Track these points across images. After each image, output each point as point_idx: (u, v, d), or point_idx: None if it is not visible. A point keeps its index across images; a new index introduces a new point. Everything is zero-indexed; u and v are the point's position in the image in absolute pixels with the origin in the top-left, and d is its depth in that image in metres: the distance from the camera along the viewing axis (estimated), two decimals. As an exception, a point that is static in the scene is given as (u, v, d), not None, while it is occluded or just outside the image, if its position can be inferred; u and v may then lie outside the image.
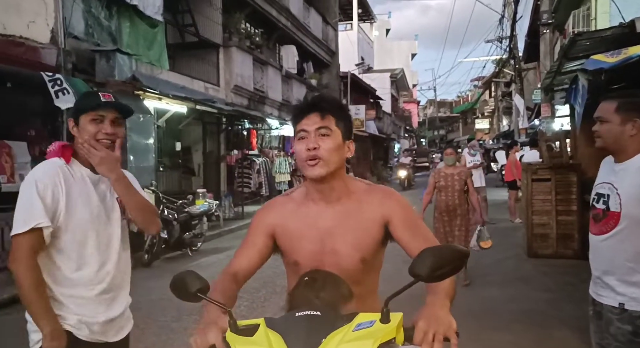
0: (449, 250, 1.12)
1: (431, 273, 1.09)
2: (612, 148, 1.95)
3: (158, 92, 7.82)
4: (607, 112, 1.93)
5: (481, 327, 3.94)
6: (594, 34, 6.94)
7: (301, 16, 16.96)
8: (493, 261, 6.49)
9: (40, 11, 6.72)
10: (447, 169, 5.28)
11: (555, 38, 14.53)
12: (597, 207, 1.98)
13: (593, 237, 2.01)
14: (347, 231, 1.43)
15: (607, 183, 1.96)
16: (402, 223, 1.42)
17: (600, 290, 1.98)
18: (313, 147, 1.37)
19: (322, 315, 1.11)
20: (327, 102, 1.44)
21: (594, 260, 2.02)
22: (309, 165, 1.39)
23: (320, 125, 1.39)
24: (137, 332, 4.16)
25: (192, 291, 1.20)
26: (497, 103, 36.06)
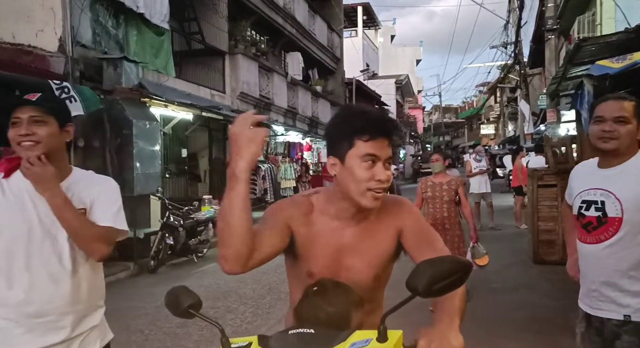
0: (448, 262, 1.05)
1: (428, 288, 1.02)
2: (622, 151, 1.82)
3: (164, 100, 7.89)
4: (629, 112, 1.80)
5: (487, 334, 3.92)
6: (599, 40, 6.93)
7: (306, 23, 17.06)
8: (498, 267, 6.45)
9: (49, 20, 6.81)
10: (435, 178, 4.69)
11: (561, 44, 14.52)
12: (588, 215, 1.87)
13: (587, 247, 1.89)
14: (364, 248, 1.38)
15: (598, 189, 1.86)
16: (412, 235, 1.38)
17: (598, 303, 1.87)
18: (385, 179, 1.29)
19: (315, 333, 1.08)
20: (397, 131, 1.35)
21: (589, 271, 1.90)
22: (375, 197, 1.29)
23: (390, 155, 1.31)
24: (141, 338, 4.20)
25: (184, 307, 1.17)
26: (502, 109, 35.99)
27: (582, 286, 1.97)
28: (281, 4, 14.60)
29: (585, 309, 1.93)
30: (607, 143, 1.82)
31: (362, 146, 1.27)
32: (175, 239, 7.18)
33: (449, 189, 4.58)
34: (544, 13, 12.87)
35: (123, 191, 6.76)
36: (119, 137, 7.11)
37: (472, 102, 53.29)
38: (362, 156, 1.27)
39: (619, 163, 1.85)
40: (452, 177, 4.81)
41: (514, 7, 17.00)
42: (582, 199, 1.91)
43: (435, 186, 4.62)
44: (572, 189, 2.02)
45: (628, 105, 1.82)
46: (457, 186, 4.62)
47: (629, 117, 1.80)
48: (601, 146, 1.85)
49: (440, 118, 55.11)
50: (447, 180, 4.64)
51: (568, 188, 2.09)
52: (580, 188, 1.94)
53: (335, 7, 21.13)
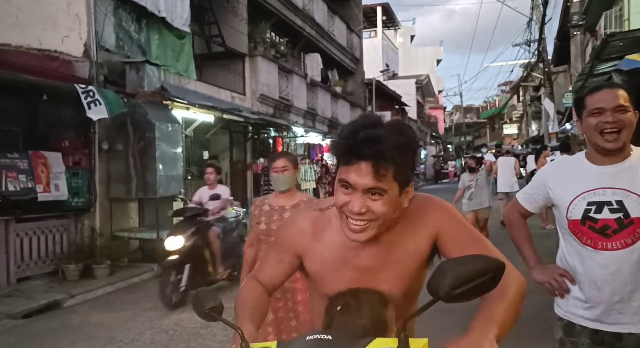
0: (474, 262, 0.92)
1: (451, 291, 0.90)
2: (626, 144, 1.63)
3: (186, 102, 7.96)
4: (626, 100, 1.61)
5: (519, 335, 3.81)
6: (627, 35, 6.74)
7: (326, 24, 17.06)
8: (526, 268, 6.31)
9: (74, 26, 6.95)
10: (277, 199, 2.84)
11: (587, 40, 14.17)
12: (600, 218, 1.65)
13: (609, 254, 1.64)
14: (390, 265, 1.22)
15: (609, 188, 1.64)
16: (451, 238, 1.20)
17: (618, 317, 1.65)
18: (358, 211, 1.10)
19: (333, 339, 1.02)
20: (389, 151, 1.06)
21: (612, 281, 1.64)
22: (352, 229, 1.12)
23: (372, 186, 1.08)
24: (166, 338, 4.23)
25: (205, 310, 1.18)
26: (525, 108, 35.37)
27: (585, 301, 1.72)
28: (300, 6, 14.63)
29: (591, 326, 1.70)
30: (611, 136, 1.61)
31: (341, 170, 1.12)
32: (198, 240, 7.22)
33: None
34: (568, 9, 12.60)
35: (146, 193, 6.86)
36: (141, 140, 7.21)
37: (494, 101, 52.52)
38: (339, 180, 1.13)
39: (623, 157, 1.66)
40: (307, 199, 2.86)
41: (537, 3, 16.67)
42: (588, 201, 1.66)
43: (274, 214, 2.79)
44: (554, 193, 1.76)
45: (624, 93, 1.64)
46: None
47: (627, 105, 1.62)
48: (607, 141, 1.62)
49: (462, 118, 54.44)
50: (294, 203, 2.78)
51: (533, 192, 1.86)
52: (579, 190, 1.69)
53: (355, 8, 21.08)
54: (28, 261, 6.17)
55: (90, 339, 4.28)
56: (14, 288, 5.79)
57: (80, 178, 6.83)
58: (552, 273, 1.83)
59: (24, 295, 5.53)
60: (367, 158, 1.06)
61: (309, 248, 1.27)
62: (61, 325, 4.74)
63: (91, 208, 6.92)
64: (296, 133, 13.43)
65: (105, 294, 5.89)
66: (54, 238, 6.52)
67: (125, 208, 7.67)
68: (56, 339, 4.35)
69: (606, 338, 1.69)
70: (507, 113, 44.49)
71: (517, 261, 1.53)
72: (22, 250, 6.09)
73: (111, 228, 7.25)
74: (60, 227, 6.64)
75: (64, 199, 6.49)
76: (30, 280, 6.10)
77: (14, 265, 5.96)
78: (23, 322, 4.88)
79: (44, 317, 5.04)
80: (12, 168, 5.88)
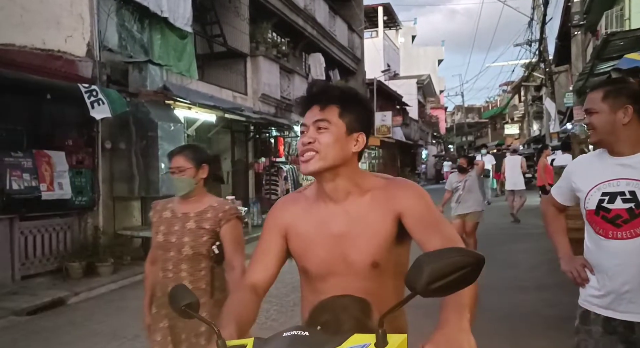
0: (452, 255, 0.88)
1: (428, 285, 0.86)
2: (608, 139, 1.75)
3: (188, 102, 8.01)
4: (594, 102, 1.75)
5: (516, 332, 3.86)
6: (628, 34, 6.77)
7: (327, 25, 17.10)
8: (528, 266, 6.35)
9: (77, 26, 7.00)
10: (180, 205, 2.29)
11: (588, 40, 14.19)
12: (612, 208, 1.71)
13: (618, 243, 1.71)
14: (357, 235, 1.28)
15: (621, 179, 1.71)
16: (415, 218, 1.23)
17: (630, 306, 1.70)
18: (307, 141, 1.25)
19: (309, 335, 0.99)
20: (331, 91, 1.29)
21: (622, 270, 1.70)
22: (302, 161, 1.28)
23: (318, 118, 1.26)
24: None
25: (181, 306, 1.14)
26: (527, 108, 35.34)
27: (599, 289, 1.79)
28: (302, 6, 14.67)
29: (604, 313, 1.76)
30: (590, 136, 1.80)
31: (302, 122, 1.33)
32: (200, 239, 7.27)
33: (197, 231, 2.21)
34: (569, 9, 12.62)
35: (148, 192, 6.93)
36: (144, 139, 7.26)
37: (496, 101, 52.48)
38: (301, 132, 1.31)
39: (635, 150, 1.73)
40: (219, 204, 2.27)
41: (538, 3, 16.69)
42: (603, 192, 1.74)
43: (175, 223, 2.25)
44: (576, 185, 1.86)
45: (595, 95, 1.77)
46: (225, 223, 2.21)
47: (594, 107, 1.76)
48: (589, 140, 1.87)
49: (463, 118, 54.42)
50: (201, 209, 2.25)
51: (562, 184, 1.96)
52: (596, 181, 1.77)
53: (356, 8, 21.11)
54: (32, 259, 6.22)
55: (94, 335, 4.33)
56: (19, 286, 5.84)
57: (84, 176, 6.88)
58: (575, 264, 1.90)
59: (28, 292, 5.59)
60: (313, 101, 1.29)
61: (290, 225, 1.37)
62: (65, 322, 4.79)
63: (94, 207, 6.98)
64: (297, 133, 13.47)
65: (108, 292, 5.94)
66: (58, 236, 6.57)
67: (128, 206, 7.72)
68: (60, 335, 4.40)
69: (619, 329, 1.73)
70: (508, 113, 44.45)
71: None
72: (27, 248, 6.15)
73: (114, 226, 7.30)
74: (64, 225, 6.69)
75: (68, 198, 6.54)
76: (35, 278, 6.15)
77: (18, 263, 6.01)
78: (27, 318, 4.93)
79: (48, 314, 5.09)
80: (16, 166, 5.93)
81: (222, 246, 2.24)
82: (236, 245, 2.24)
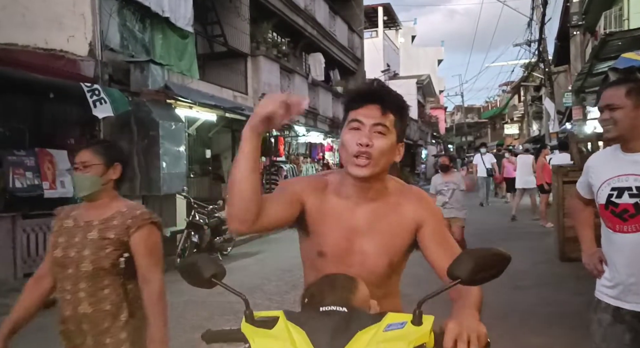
0: (490, 253, 1.08)
1: (472, 276, 1.05)
2: (628, 135, 1.77)
3: (189, 101, 8.06)
4: (618, 98, 1.76)
5: (516, 330, 3.91)
6: (626, 34, 6.81)
7: (327, 25, 17.14)
8: (526, 265, 6.39)
9: (79, 26, 7.04)
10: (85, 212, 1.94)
11: (587, 40, 14.23)
12: (621, 202, 1.77)
13: (625, 236, 1.77)
14: (377, 233, 1.35)
15: (630, 175, 1.76)
16: (432, 233, 1.35)
17: (632, 296, 1.77)
18: (366, 143, 1.25)
19: (349, 312, 1.03)
20: (392, 98, 1.32)
21: (627, 262, 1.77)
22: (356, 164, 1.27)
23: (379, 121, 1.27)
24: (171, 332, 4.31)
25: (206, 277, 1.12)
26: (526, 108, 35.37)
27: (610, 279, 1.86)
28: (302, 6, 14.72)
29: (613, 303, 1.82)
30: (608, 132, 1.80)
31: (351, 114, 1.31)
32: (201, 237, 7.32)
33: (100, 242, 1.85)
34: (568, 9, 12.66)
35: (150, 191, 6.97)
36: (145, 138, 7.30)
37: (495, 101, 52.51)
38: (349, 123, 1.30)
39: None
40: (128, 209, 1.92)
41: (537, 4, 16.73)
42: (612, 187, 1.80)
43: (76, 233, 1.90)
44: (592, 179, 1.92)
45: (618, 91, 1.78)
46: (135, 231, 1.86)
47: (617, 103, 1.76)
48: (605, 135, 1.84)
49: (463, 118, 54.46)
50: (107, 216, 1.90)
51: (583, 179, 2.01)
52: (606, 176, 1.84)
53: (356, 8, 21.15)
54: (34, 256, 6.26)
55: (97, 332, 4.37)
56: (21, 283, 5.82)
57: (86, 175, 6.92)
58: (592, 256, 1.97)
59: (30, 290, 5.63)
60: (375, 100, 1.29)
61: (314, 202, 1.38)
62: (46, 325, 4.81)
63: (96, 205, 7.01)
64: (298, 132, 13.51)
65: (110, 289, 5.97)
66: (60, 235, 6.61)
67: (129, 205, 7.75)
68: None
69: (627, 318, 1.79)
70: (508, 113, 44.49)
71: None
72: (29, 245, 6.19)
73: (115, 225, 7.34)
74: (66, 224, 6.73)
75: (70, 196, 6.58)
76: (37, 276, 6.19)
77: (20, 261, 6.06)
78: (30, 315, 4.97)
79: (50, 311, 5.12)
80: (19, 165, 5.98)
81: (132, 258, 1.85)
82: (151, 255, 1.86)
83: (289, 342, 0.98)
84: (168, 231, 7.30)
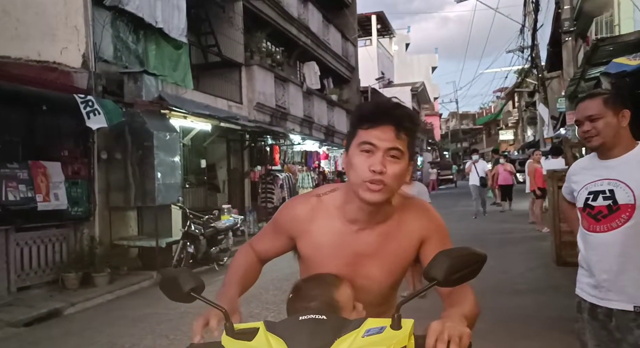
0: (465, 253, 1.06)
1: (448, 277, 1.03)
2: (611, 143, 1.88)
3: (184, 111, 8.05)
4: (596, 109, 1.87)
5: (512, 334, 3.89)
6: (617, 39, 6.87)
7: (321, 34, 17.24)
8: (522, 270, 6.39)
9: (72, 38, 7.05)
10: None
11: (578, 46, 14.36)
12: (596, 205, 1.90)
13: (597, 236, 1.89)
14: (384, 256, 1.29)
15: (604, 179, 1.89)
16: (434, 248, 1.26)
17: (608, 294, 1.85)
18: (380, 170, 1.17)
19: (328, 319, 1.03)
20: (407, 117, 1.21)
21: (600, 260, 1.88)
22: (370, 189, 1.18)
23: (393, 145, 1.18)
24: (166, 342, 4.27)
25: (185, 290, 1.11)
26: (520, 113, 35.58)
27: (587, 277, 1.95)
28: (295, 15, 14.80)
29: (590, 300, 1.91)
30: (591, 142, 1.90)
31: (362, 134, 1.20)
32: (197, 248, 7.27)
33: None
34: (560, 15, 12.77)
35: (145, 202, 6.96)
36: (140, 148, 7.28)
37: (490, 108, 52.81)
38: (359, 144, 1.20)
39: (621, 153, 1.89)
40: None
41: (529, 10, 16.90)
42: (589, 191, 1.93)
43: None
44: (574, 184, 2.04)
45: (595, 102, 1.89)
46: None
47: (599, 113, 1.86)
48: (588, 145, 1.95)
49: (458, 125, 54.70)
50: None
51: (567, 185, 2.14)
52: (585, 181, 1.96)
53: (349, 17, 21.30)
54: (28, 270, 6.21)
55: (91, 345, 4.32)
56: (15, 297, 5.82)
57: (80, 187, 6.88)
58: None
59: (24, 304, 5.56)
60: (390, 121, 1.19)
61: (305, 232, 1.33)
62: (62, 333, 4.77)
63: (90, 217, 6.97)
64: (293, 141, 13.52)
65: (105, 302, 5.92)
66: (54, 247, 6.56)
67: (124, 216, 7.72)
68: (57, 346, 4.39)
69: (600, 316, 1.88)
70: (502, 119, 44.75)
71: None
72: (22, 259, 6.13)
73: (110, 236, 7.29)
74: (60, 236, 6.68)
75: (64, 208, 6.54)
76: (31, 289, 6.13)
77: (14, 274, 5.99)
78: (24, 329, 4.91)
79: (45, 325, 5.07)
80: (12, 177, 5.93)
81: None
82: None
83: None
84: (164, 242, 7.26)
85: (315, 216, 1.32)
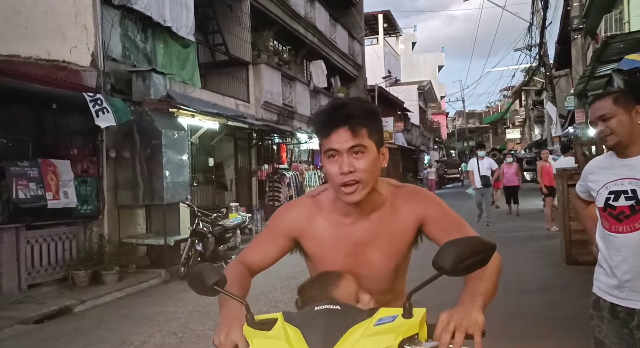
0: (473, 242, 1.07)
1: (455, 266, 1.04)
2: (627, 140, 1.86)
3: (191, 110, 8.06)
4: (608, 108, 1.87)
5: (523, 333, 3.86)
6: (627, 36, 6.80)
7: (328, 32, 17.22)
8: (532, 269, 6.35)
9: (81, 37, 7.08)
10: None
11: (587, 43, 14.25)
12: (618, 205, 1.88)
13: (620, 236, 1.87)
14: (382, 241, 1.35)
15: (625, 179, 1.87)
16: (437, 223, 1.34)
17: (631, 294, 1.84)
18: (348, 170, 1.22)
19: (341, 309, 1.08)
20: (357, 113, 1.23)
21: (623, 261, 1.86)
22: (345, 192, 1.25)
23: (353, 143, 1.22)
24: (175, 340, 4.28)
25: (209, 284, 1.16)
26: (527, 112, 35.40)
27: (607, 277, 1.93)
28: (302, 14, 14.79)
29: (611, 300, 1.90)
30: (607, 141, 1.90)
31: (324, 142, 1.26)
32: (205, 246, 7.28)
33: None
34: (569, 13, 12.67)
35: (153, 200, 6.98)
36: (148, 147, 7.30)
37: (497, 106, 52.55)
38: (325, 152, 1.26)
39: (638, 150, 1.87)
40: None
41: (537, 8, 16.78)
42: (610, 190, 1.91)
43: None
44: (592, 183, 2.02)
45: (605, 102, 1.89)
46: None
47: (609, 113, 1.87)
48: (605, 145, 1.94)
49: (464, 123, 54.47)
50: None
51: (582, 183, 2.12)
52: (604, 180, 1.94)
53: (356, 16, 21.26)
54: (38, 268, 6.25)
55: (101, 342, 4.34)
56: (25, 295, 5.86)
57: (89, 185, 6.92)
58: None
59: (34, 301, 5.60)
60: (341, 123, 1.23)
61: (306, 231, 1.39)
62: (72, 330, 4.80)
63: (99, 215, 7.01)
64: (300, 139, 13.52)
65: (114, 299, 5.95)
66: (64, 245, 6.60)
67: (132, 214, 7.75)
68: (68, 343, 4.41)
69: (622, 315, 1.87)
70: (509, 118, 44.53)
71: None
72: (33, 256, 6.18)
73: (119, 234, 7.33)
74: (70, 234, 6.72)
75: (73, 206, 6.58)
76: (41, 287, 6.17)
77: (24, 272, 6.04)
78: (34, 327, 4.95)
79: (55, 322, 5.11)
80: (22, 176, 5.97)
81: None
82: None
83: (285, 341, 1.03)
84: (172, 240, 7.28)
85: (313, 215, 1.39)
